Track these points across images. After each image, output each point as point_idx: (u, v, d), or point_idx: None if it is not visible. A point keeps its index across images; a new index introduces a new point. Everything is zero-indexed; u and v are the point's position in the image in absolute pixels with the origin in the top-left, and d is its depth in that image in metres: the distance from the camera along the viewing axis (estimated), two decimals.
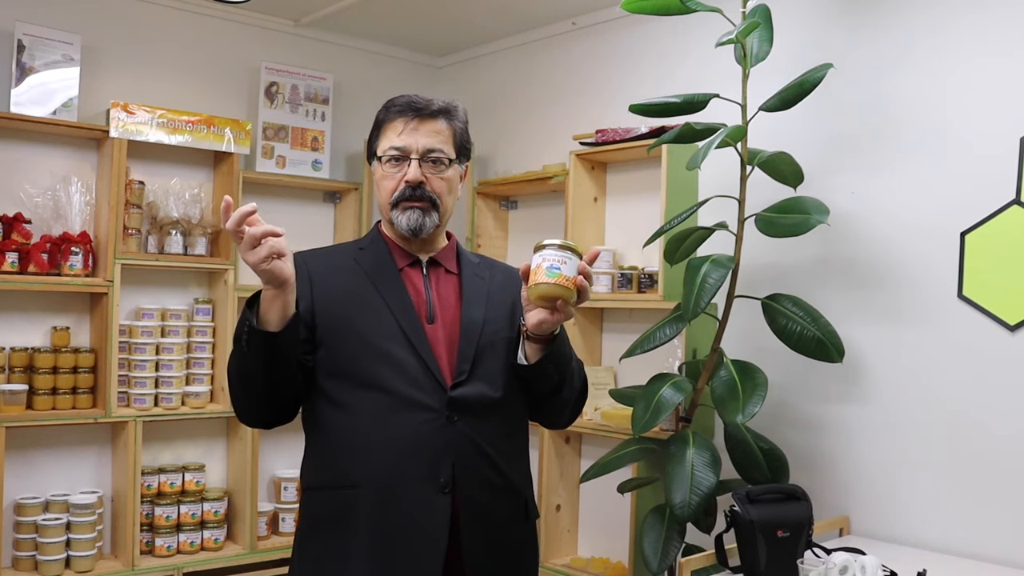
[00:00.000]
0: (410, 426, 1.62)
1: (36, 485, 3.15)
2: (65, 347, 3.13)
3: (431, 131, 1.70)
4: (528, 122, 3.79)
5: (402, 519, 1.60)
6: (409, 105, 1.71)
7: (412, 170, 1.68)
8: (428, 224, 1.71)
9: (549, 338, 1.64)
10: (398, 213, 1.70)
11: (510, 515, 1.72)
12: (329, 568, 1.63)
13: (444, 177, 1.72)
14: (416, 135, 1.69)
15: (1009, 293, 2.34)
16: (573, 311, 1.59)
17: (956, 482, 2.43)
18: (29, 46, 3.07)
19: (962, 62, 2.46)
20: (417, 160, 1.69)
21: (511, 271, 1.87)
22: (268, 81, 3.60)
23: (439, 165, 1.71)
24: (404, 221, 1.70)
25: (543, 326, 1.59)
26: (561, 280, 1.52)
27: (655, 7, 2.46)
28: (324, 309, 1.67)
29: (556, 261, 1.52)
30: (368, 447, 1.62)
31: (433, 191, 1.70)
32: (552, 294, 1.53)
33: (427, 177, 1.69)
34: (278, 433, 3.64)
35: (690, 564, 2.18)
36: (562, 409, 1.78)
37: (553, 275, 1.52)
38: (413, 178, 1.68)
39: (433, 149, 1.70)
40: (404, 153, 1.69)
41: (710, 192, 2.80)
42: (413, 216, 1.69)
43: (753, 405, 2.34)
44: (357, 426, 1.63)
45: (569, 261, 1.53)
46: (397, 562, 1.60)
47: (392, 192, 1.70)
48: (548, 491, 3.30)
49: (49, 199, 3.14)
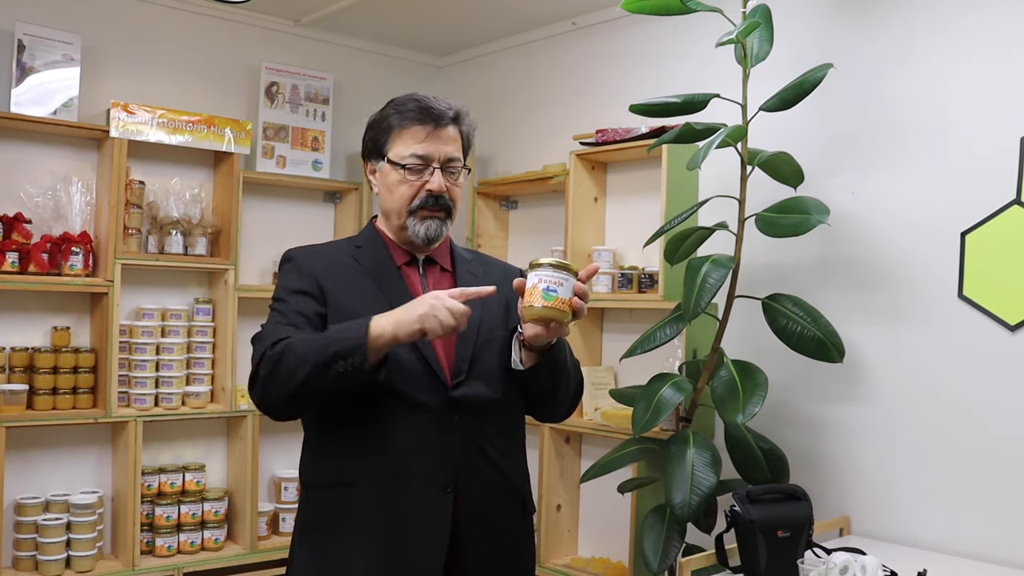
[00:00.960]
0: (412, 426, 1.62)
1: (36, 485, 3.15)
2: (65, 347, 3.13)
3: (449, 139, 1.71)
4: (528, 122, 3.79)
5: (404, 518, 1.60)
6: (428, 112, 1.69)
7: (436, 180, 1.68)
8: (444, 233, 1.73)
9: (546, 348, 1.64)
10: (415, 222, 1.70)
11: (509, 512, 1.73)
12: (329, 566, 1.64)
13: (460, 185, 1.74)
14: (438, 143, 1.69)
15: (1009, 293, 2.34)
16: (568, 329, 1.59)
17: (956, 482, 2.43)
18: (29, 46, 3.07)
19: (962, 62, 2.46)
20: (439, 169, 1.69)
21: (504, 268, 1.88)
22: (268, 81, 3.60)
23: (456, 174, 1.72)
24: (423, 231, 1.70)
25: (539, 339, 1.60)
26: (556, 303, 1.51)
27: (655, 7, 2.46)
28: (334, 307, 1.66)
29: (552, 283, 1.51)
30: (370, 446, 1.62)
31: (451, 199, 1.72)
32: (547, 316, 1.52)
33: (447, 186, 1.70)
34: (278, 433, 3.66)
35: (690, 564, 2.18)
36: (557, 408, 1.79)
37: (549, 298, 1.50)
38: (438, 188, 1.68)
39: (453, 159, 1.71)
40: (427, 162, 1.68)
41: (710, 192, 2.80)
42: (432, 226, 1.70)
43: (753, 405, 2.34)
44: (359, 425, 1.63)
45: (566, 283, 1.51)
46: (398, 561, 1.60)
47: (411, 199, 1.69)
48: (548, 491, 3.30)
49: (49, 199, 3.14)
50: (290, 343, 1.55)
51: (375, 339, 1.49)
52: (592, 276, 1.60)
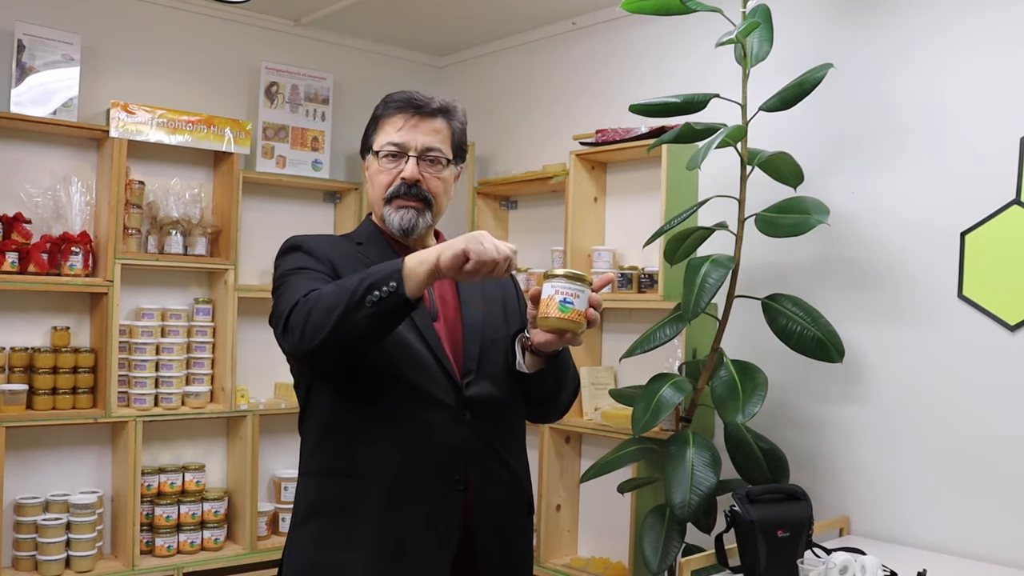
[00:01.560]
0: (425, 422, 1.60)
1: (36, 485, 3.15)
2: (65, 347, 3.13)
3: (430, 129, 1.69)
4: (528, 122, 3.79)
5: (414, 514, 1.58)
6: (409, 101, 1.69)
7: (409, 167, 1.66)
8: (421, 225, 1.69)
9: (552, 355, 1.64)
10: (391, 211, 1.68)
11: (517, 510, 1.73)
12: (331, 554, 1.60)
13: (441, 177, 1.70)
14: (415, 132, 1.67)
15: (1009, 293, 2.34)
16: (582, 339, 1.59)
17: (956, 482, 2.43)
18: (29, 46, 3.07)
19: (962, 62, 2.46)
20: (415, 158, 1.67)
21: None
22: (268, 81, 3.60)
23: (436, 165, 1.69)
24: (397, 220, 1.68)
25: (549, 346, 1.60)
26: (573, 315, 1.51)
27: (655, 7, 2.46)
28: None
29: (570, 295, 1.51)
30: (382, 439, 1.60)
31: (429, 190, 1.68)
32: (563, 328, 1.53)
33: (424, 176, 1.67)
34: (278, 433, 3.67)
35: (690, 564, 2.18)
36: (556, 410, 1.79)
37: (566, 310, 1.51)
38: (410, 176, 1.66)
39: (432, 148, 1.68)
40: (402, 150, 1.67)
41: (710, 192, 2.80)
42: (407, 216, 1.67)
43: (753, 405, 2.34)
44: (372, 417, 1.60)
45: (582, 295, 1.52)
46: (407, 556, 1.58)
47: (387, 187, 1.68)
48: (548, 491, 3.30)
49: (49, 199, 3.14)
50: (324, 289, 1.50)
51: (416, 266, 1.44)
52: (606, 286, 1.59)
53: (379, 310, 1.42)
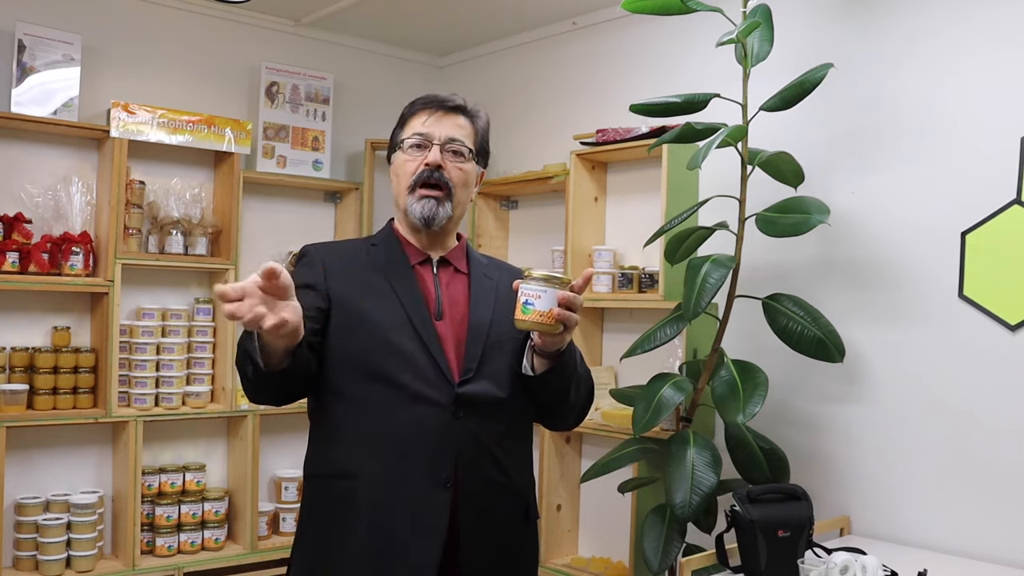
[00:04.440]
0: (415, 419, 1.62)
1: (37, 485, 3.15)
2: (66, 347, 3.13)
3: (453, 124, 1.76)
4: (528, 122, 3.79)
5: (401, 511, 1.61)
6: (434, 98, 1.78)
7: (433, 153, 1.72)
8: (441, 215, 1.73)
9: (556, 354, 1.65)
10: (413, 200, 1.72)
11: (510, 515, 1.73)
12: (326, 556, 1.65)
13: (463, 168, 1.75)
14: (439, 125, 1.74)
15: (1009, 293, 2.34)
16: (568, 336, 1.60)
17: (957, 482, 2.43)
18: (30, 46, 3.07)
19: (962, 62, 2.46)
20: (439, 146, 1.73)
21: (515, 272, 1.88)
22: (268, 81, 3.60)
23: (459, 156, 1.75)
24: (418, 209, 1.72)
25: (547, 346, 1.61)
26: (534, 316, 1.53)
27: (655, 7, 2.46)
28: (338, 298, 1.68)
29: (530, 296, 1.53)
30: (371, 438, 1.63)
31: (451, 179, 1.73)
32: (531, 328, 1.55)
33: (446, 164, 1.73)
34: (278, 433, 3.67)
35: (690, 564, 2.18)
36: (567, 415, 1.79)
37: (527, 311, 1.53)
38: (433, 160, 1.71)
39: (455, 139, 1.74)
40: (427, 139, 1.73)
41: (710, 192, 2.80)
42: (428, 205, 1.71)
43: (753, 405, 2.34)
44: (362, 417, 1.64)
45: (544, 295, 1.53)
46: (394, 554, 1.60)
47: (412, 174, 1.73)
48: (548, 491, 3.30)
49: (50, 199, 3.14)
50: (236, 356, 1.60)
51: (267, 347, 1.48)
52: (587, 283, 1.58)
53: (259, 377, 1.51)
